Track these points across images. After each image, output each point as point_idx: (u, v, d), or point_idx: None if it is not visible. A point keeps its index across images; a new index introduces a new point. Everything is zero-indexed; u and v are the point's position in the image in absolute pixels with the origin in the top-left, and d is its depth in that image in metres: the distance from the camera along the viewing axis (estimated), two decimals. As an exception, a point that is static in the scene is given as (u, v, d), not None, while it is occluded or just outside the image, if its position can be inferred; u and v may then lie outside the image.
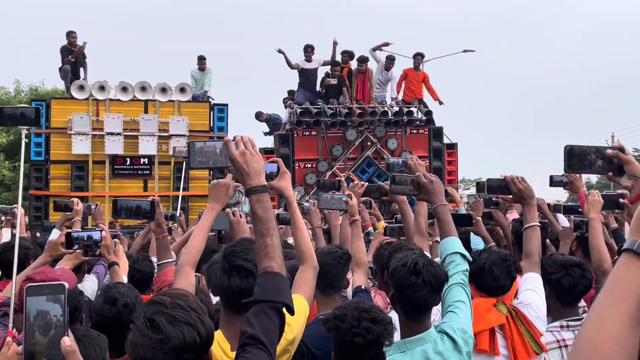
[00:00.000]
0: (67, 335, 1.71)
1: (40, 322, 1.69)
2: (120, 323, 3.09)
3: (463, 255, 3.15)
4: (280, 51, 15.78)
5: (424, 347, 2.75)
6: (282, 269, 2.18)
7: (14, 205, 5.82)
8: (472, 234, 5.07)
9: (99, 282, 4.68)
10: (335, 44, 16.17)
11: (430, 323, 2.87)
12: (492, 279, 3.42)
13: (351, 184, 5.28)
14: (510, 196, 3.77)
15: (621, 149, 2.43)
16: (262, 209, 2.25)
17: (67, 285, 1.75)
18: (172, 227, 7.55)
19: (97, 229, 4.53)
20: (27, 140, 5.33)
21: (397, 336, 2.78)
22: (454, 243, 3.19)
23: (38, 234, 10.58)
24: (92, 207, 6.38)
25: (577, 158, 2.51)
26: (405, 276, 2.77)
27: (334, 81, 15.70)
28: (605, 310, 1.18)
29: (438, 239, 3.89)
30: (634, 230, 1.27)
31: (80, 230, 4.91)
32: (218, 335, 2.64)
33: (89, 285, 4.64)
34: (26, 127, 4.95)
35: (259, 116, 17.43)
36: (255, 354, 1.98)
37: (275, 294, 2.10)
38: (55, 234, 6.45)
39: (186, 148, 12.79)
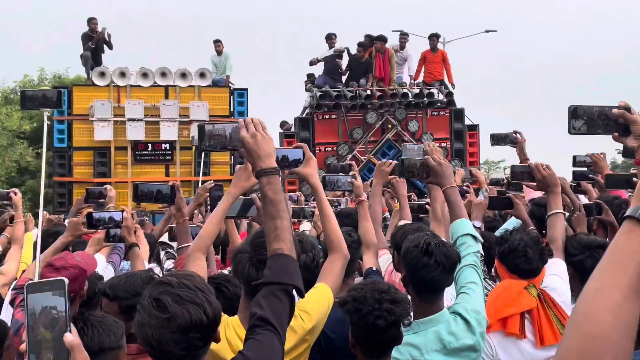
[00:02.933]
0: (70, 331, 1.70)
1: (46, 318, 1.70)
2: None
3: (474, 237, 3.13)
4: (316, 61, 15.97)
5: (437, 328, 2.74)
6: (292, 252, 2.16)
7: (11, 190, 5.83)
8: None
9: (115, 271, 4.70)
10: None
11: (443, 304, 2.85)
12: (525, 260, 3.34)
13: (379, 161, 5.20)
14: (534, 183, 3.72)
15: (627, 109, 2.30)
16: (272, 191, 2.23)
17: (66, 281, 1.74)
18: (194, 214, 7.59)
19: (120, 209, 4.55)
20: (49, 122, 5.34)
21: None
22: (464, 225, 3.16)
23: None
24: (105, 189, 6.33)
25: (581, 119, 2.41)
26: (417, 257, 2.76)
27: (343, 49, 15.60)
28: (602, 280, 1.12)
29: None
30: (638, 196, 1.20)
31: (101, 211, 4.94)
32: (234, 320, 2.64)
33: (106, 275, 4.67)
34: (48, 109, 4.98)
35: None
36: (264, 336, 1.98)
37: (285, 276, 2.09)
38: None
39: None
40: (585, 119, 2.39)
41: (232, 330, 2.54)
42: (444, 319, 2.77)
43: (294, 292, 2.13)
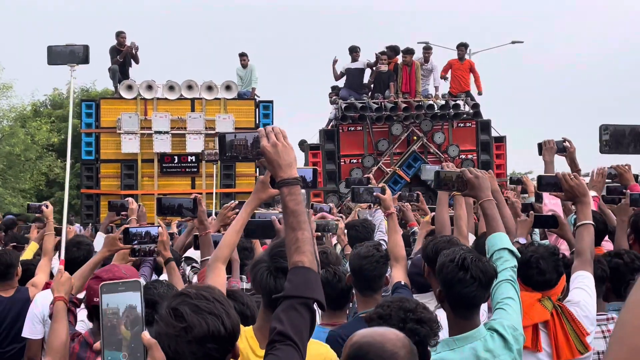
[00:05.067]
0: (145, 330, 1.78)
1: (128, 317, 1.76)
2: None
3: (511, 252, 3.06)
4: (335, 60, 15.96)
5: (474, 345, 2.68)
6: (312, 264, 2.11)
7: (43, 203, 5.95)
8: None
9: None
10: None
11: (479, 320, 2.79)
12: (538, 272, 3.31)
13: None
14: (563, 193, 3.65)
15: None
16: (293, 202, 2.19)
17: (142, 281, 1.82)
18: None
19: (155, 224, 4.58)
20: (75, 78, 5.31)
21: (444, 334, 2.71)
22: (502, 239, 3.10)
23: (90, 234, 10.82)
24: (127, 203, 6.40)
25: (613, 138, 2.38)
26: (453, 272, 2.71)
27: (384, 67, 15.57)
28: None
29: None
30: None
31: (138, 225, 4.97)
32: (248, 331, 2.63)
33: None
34: (75, 64, 4.95)
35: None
36: (284, 351, 1.94)
37: (306, 290, 2.05)
38: (100, 237, 6.56)
39: (215, 151, 13.15)
40: (617, 138, 2.36)
41: (244, 340, 2.52)
42: (481, 335, 2.71)
43: (315, 305, 2.08)
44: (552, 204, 4.67)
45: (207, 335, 1.85)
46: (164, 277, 4.80)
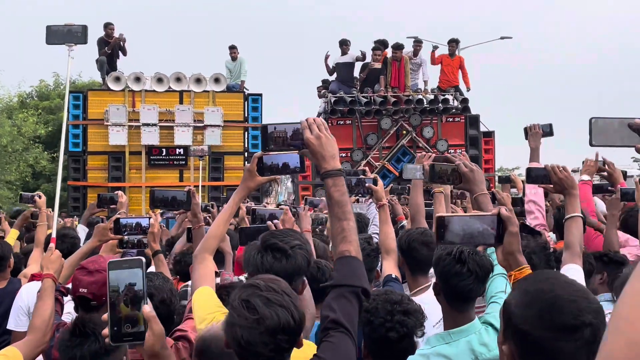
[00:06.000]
0: (147, 303, 1.90)
1: (127, 294, 1.89)
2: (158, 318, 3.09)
3: None
4: (327, 56, 15.96)
5: (469, 339, 2.67)
6: (358, 253, 2.19)
7: (36, 193, 5.92)
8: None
9: None
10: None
11: (474, 314, 2.78)
12: (530, 267, 3.32)
13: (418, 155, 5.18)
14: (551, 186, 3.63)
15: None
16: (338, 193, 2.25)
17: (144, 259, 1.93)
18: (209, 218, 7.57)
19: (146, 216, 4.54)
20: (72, 58, 5.20)
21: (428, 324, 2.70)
22: None
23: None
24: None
25: (602, 131, 2.39)
26: (450, 265, 2.70)
27: (378, 65, 15.55)
28: None
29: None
30: None
31: (129, 217, 4.94)
32: None
33: None
34: (73, 44, 4.86)
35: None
36: (338, 338, 2.02)
37: (354, 279, 2.13)
38: (80, 229, 6.52)
39: (202, 147, 13.21)
40: (606, 131, 2.37)
41: None
42: (476, 329, 2.70)
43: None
44: (532, 194, 4.65)
45: (278, 327, 1.90)
46: (152, 269, 4.78)
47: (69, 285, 3.69)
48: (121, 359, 2.63)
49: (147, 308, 1.89)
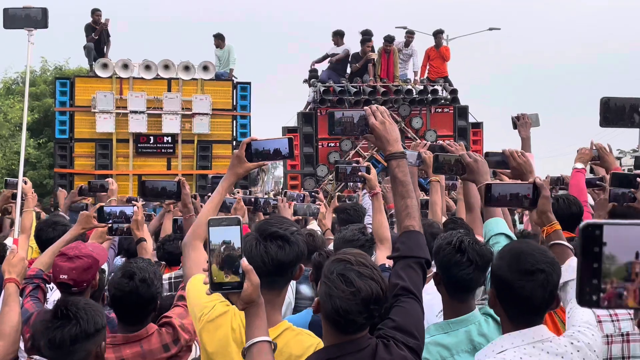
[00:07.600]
0: (243, 258, 2.03)
1: (221, 254, 2.02)
2: (138, 297, 3.11)
3: (508, 237, 3.04)
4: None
5: (468, 329, 2.67)
6: (421, 228, 2.44)
7: (22, 178, 5.81)
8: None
9: (108, 266, 4.64)
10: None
11: (475, 304, 2.78)
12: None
13: (414, 142, 5.24)
14: (509, 171, 3.53)
15: None
16: (402, 173, 2.49)
17: (240, 217, 2.11)
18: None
19: (130, 204, 4.50)
20: (33, 44, 4.96)
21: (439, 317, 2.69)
22: (498, 224, 3.07)
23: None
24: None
25: (613, 111, 2.40)
26: (450, 254, 2.69)
27: (375, 55, 15.54)
28: None
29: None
30: None
31: (113, 204, 4.89)
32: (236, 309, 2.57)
33: None
34: (32, 29, 4.66)
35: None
36: (409, 303, 2.25)
37: (419, 250, 2.37)
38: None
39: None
40: (617, 112, 2.36)
41: (238, 319, 2.46)
42: (475, 319, 2.70)
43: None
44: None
45: (371, 298, 2.10)
46: None
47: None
48: (100, 344, 2.64)
49: (245, 261, 2.03)
